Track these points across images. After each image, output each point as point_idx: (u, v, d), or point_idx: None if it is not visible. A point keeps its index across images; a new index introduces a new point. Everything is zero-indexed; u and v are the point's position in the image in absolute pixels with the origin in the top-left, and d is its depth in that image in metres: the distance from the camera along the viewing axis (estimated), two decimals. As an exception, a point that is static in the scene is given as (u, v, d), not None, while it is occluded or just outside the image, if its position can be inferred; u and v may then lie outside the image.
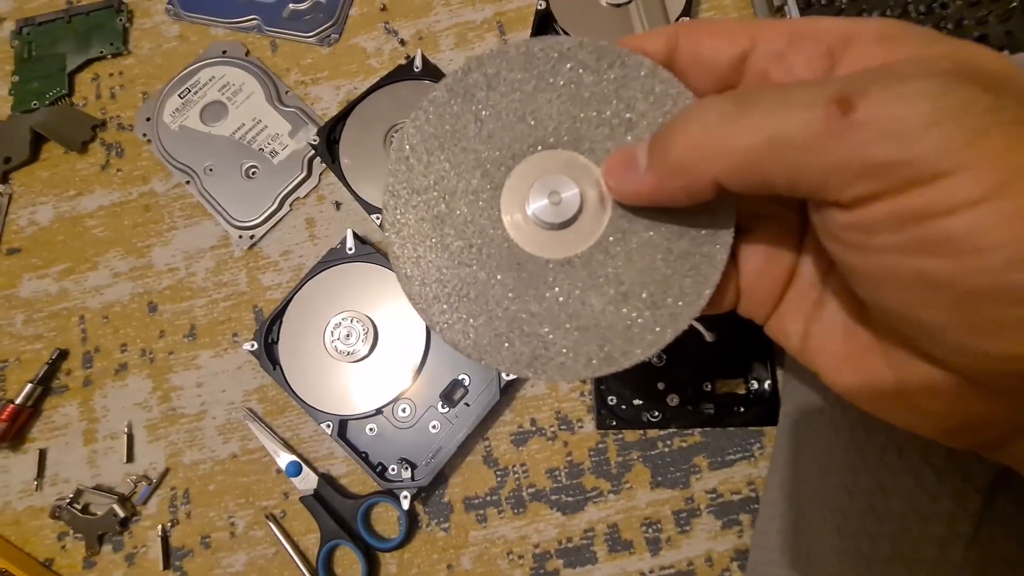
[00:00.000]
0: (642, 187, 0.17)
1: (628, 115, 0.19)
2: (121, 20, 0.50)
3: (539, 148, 0.20)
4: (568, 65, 0.20)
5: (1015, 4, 0.38)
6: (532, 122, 0.20)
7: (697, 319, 0.19)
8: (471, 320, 0.20)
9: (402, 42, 0.48)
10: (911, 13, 0.41)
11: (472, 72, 0.20)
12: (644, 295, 0.19)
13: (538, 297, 0.19)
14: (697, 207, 0.18)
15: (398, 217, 0.20)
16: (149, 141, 0.48)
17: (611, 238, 0.19)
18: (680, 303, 0.19)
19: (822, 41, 0.16)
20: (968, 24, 0.39)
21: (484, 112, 0.20)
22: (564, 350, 0.19)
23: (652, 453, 0.40)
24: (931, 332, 0.14)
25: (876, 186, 0.13)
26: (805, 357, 0.20)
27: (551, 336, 0.19)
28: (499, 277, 0.20)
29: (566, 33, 0.44)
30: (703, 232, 0.19)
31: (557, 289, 0.19)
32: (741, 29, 0.18)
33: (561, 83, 0.20)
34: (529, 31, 0.45)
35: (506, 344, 0.19)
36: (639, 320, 0.19)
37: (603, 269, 0.19)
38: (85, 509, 0.43)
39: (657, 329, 0.19)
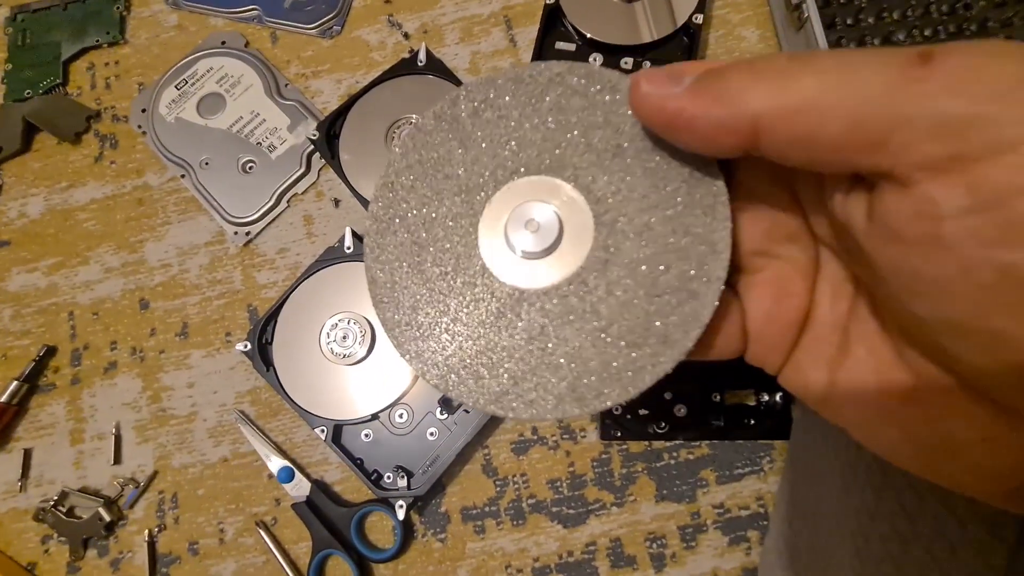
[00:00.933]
0: (674, 101, 0.15)
1: (616, 142, 0.18)
2: (118, 8, 0.49)
3: (522, 175, 0.19)
4: (557, 91, 0.19)
5: (1043, 5, 0.37)
6: (516, 147, 0.19)
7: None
8: (442, 351, 0.19)
9: (406, 35, 0.47)
10: (932, 14, 0.40)
11: (460, 101, 0.20)
12: (623, 333, 0.18)
13: (510, 329, 0.18)
14: (688, 221, 0.17)
15: (379, 241, 0.20)
16: (144, 133, 0.47)
17: (591, 269, 0.18)
18: (663, 344, 0.17)
19: None
20: (993, 26, 0.38)
21: (469, 139, 0.20)
22: (534, 387, 0.18)
23: (658, 465, 0.39)
24: (1009, 350, 0.12)
25: (948, 147, 0.12)
26: (830, 411, 0.18)
27: (521, 372, 0.18)
28: (472, 307, 0.19)
29: (576, 29, 0.43)
30: (693, 266, 0.17)
31: (530, 322, 0.18)
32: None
33: (548, 109, 0.19)
34: (537, 26, 0.43)
35: (473, 378, 0.18)
36: (616, 360, 0.18)
37: (581, 303, 0.18)
38: (70, 512, 0.41)
39: (635, 370, 0.17)
